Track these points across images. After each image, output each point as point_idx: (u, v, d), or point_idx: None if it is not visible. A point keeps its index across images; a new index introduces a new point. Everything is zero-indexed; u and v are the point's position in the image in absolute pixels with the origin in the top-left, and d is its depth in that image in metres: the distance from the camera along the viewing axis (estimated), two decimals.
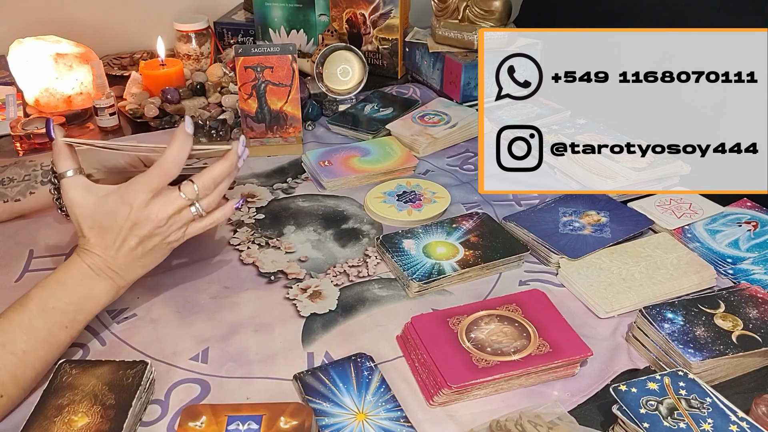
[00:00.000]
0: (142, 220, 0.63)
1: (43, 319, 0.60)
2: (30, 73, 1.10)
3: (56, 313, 0.61)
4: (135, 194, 0.62)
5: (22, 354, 0.58)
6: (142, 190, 0.62)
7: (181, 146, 0.63)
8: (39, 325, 0.60)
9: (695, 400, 0.56)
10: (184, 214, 0.65)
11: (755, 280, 0.74)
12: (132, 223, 0.63)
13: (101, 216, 0.63)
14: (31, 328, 0.59)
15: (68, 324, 0.62)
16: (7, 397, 0.57)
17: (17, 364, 0.58)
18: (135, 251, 0.64)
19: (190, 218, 0.66)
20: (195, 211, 0.66)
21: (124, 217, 0.63)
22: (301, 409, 0.55)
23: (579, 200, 0.87)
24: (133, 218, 0.63)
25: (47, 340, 0.60)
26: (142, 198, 0.62)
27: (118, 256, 0.64)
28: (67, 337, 0.62)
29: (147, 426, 0.58)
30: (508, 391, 0.62)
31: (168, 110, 1.11)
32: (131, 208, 0.62)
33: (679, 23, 1.01)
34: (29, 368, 0.59)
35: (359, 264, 0.80)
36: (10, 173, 0.81)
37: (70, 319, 0.62)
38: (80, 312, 0.63)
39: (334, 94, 1.16)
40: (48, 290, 0.62)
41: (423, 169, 1.00)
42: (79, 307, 0.63)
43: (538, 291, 0.71)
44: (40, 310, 0.60)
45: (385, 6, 1.26)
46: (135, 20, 1.41)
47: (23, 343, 0.58)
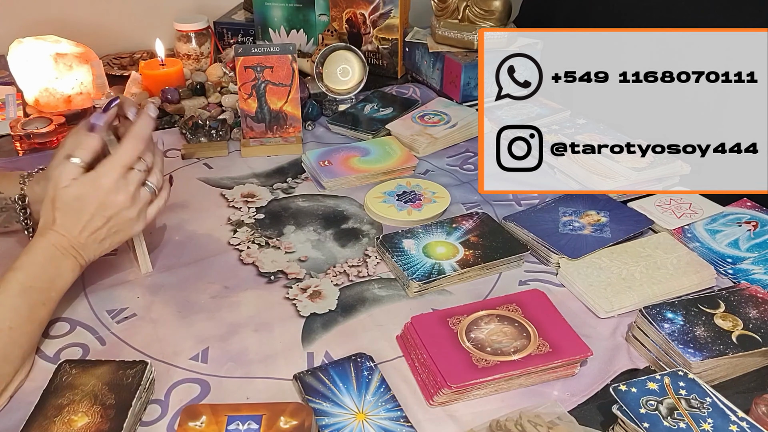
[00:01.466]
0: (111, 201, 0.67)
1: (23, 298, 0.63)
2: (30, 73, 1.10)
3: (33, 292, 0.64)
4: (107, 173, 0.67)
5: (9, 331, 0.60)
6: (112, 169, 0.67)
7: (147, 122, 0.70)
8: (20, 303, 0.62)
9: (695, 400, 0.56)
10: (143, 196, 0.70)
11: (755, 280, 0.74)
12: (102, 205, 0.67)
13: (73, 199, 0.67)
14: (14, 307, 0.62)
15: (45, 301, 0.65)
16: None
17: (6, 341, 0.60)
18: (100, 233, 0.68)
19: (148, 198, 0.71)
20: (149, 190, 0.71)
21: (94, 199, 0.67)
22: (301, 408, 0.55)
23: (579, 200, 0.87)
24: (102, 200, 0.67)
25: (29, 318, 0.63)
26: (113, 176, 0.67)
27: (81, 237, 0.68)
28: (45, 314, 0.65)
29: (147, 426, 0.58)
30: (508, 390, 0.62)
31: (168, 110, 1.11)
32: (101, 189, 0.67)
33: (679, 23, 1.01)
34: (17, 346, 0.61)
35: (359, 264, 0.80)
36: None
37: (45, 296, 0.65)
38: (53, 289, 0.66)
39: (334, 94, 1.16)
40: (23, 271, 0.64)
41: (423, 169, 1.00)
42: (52, 284, 0.66)
43: (538, 291, 0.71)
44: (20, 290, 0.63)
45: (385, 6, 1.26)
46: (135, 20, 1.41)
47: (8, 320, 0.61)
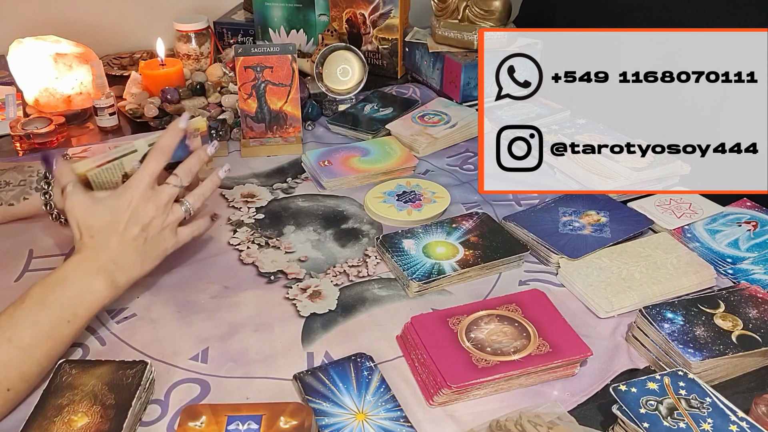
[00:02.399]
0: (143, 208, 0.68)
1: (45, 313, 0.61)
2: (30, 73, 1.10)
3: (57, 308, 0.62)
4: (138, 183, 0.68)
5: (27, 348, 0.59)
6: (143, 179, 0.68)
7: (173, 134, 0.71)
8: (41, 319, 0.61)
9: (695, 400, 0.56)
10: (176, 210, 0.71)
11: (755, 280, 0.74)
12: (135, 210, 0.68)
13: (102, 212, 0.67)
14: (35, 323, 0.60)
15: (70, 318, 0.63)
16: (13, 392, 0.58)
17: (23, 358, 0.59)
18: (137, 241, 0.68)
19: (181, 215, 0.72)
20: (184, 209, 0.72)
21: (125, 206, 0.67)
22: (301, 408, 0.55)
23: (579, 200, 0.87)
24: (135, 206, 0.68)
25: (50, 335, 0.61)
26: (144, 185, 0.68)
27: (121, 247, 0.67)
28: (69, 333, 0.63)
29: (147, 426, 0.58)
30: (507, 391, 0.62)
31: (168, 110, 1.11)
32: (133, 196, 0.68)
33: (679, 23, 1.01)
34: (35, 364, 0.60)
35: (359, 264, 0.80)
36: (8, 177, 0.81)
37: (71, 313, 0.63)
38: (80, 306, 0.64)
39: (333, 94, 1.16)
40: (47, 286, 0.63)
41: (423, 169, 1.00)
42: (79, 301, 0.64)
43: (537, 291, 0.71)
44: (41, 305, 0.61)
45: (385, 6, 1.26)
46: (135, 20, 1.41)
47: (27, 337, 0.59)
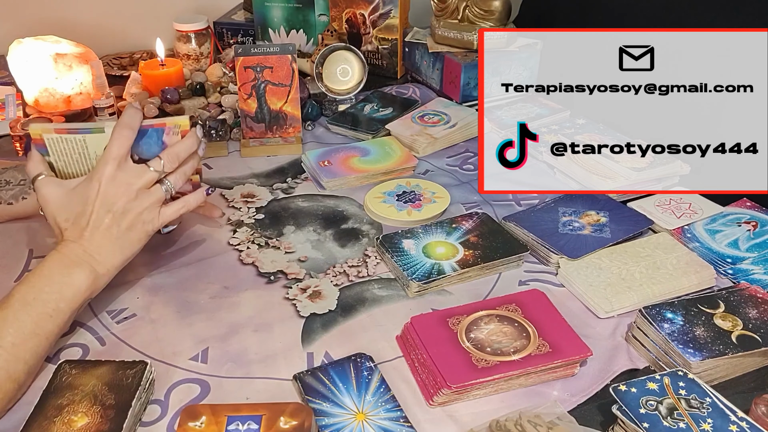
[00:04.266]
0: (112, 194, 0.67)
1: (26, 311, 0.61)
2: (30, 73, 1.10)
3: (38, 303, 0.62)
4: (101, 168, 0.67)
5: (11, 347, 0.59)
6: (106, 163, 0.67)
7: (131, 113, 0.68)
8: (23, 317, 0.61)
9: (695, 400, 0.56)
10: (154, 191, 0.69)
11: (755, 280, 0.74)
12: (102, 198, 0.66)
13: (74, 203, 0.67)
14: (16, 321, 0.60)
15: (52, 313, 0.62)
16: (2, 392, 0.58)
17: (7, 358, 0.59)
18: (111, 230, 0.67)
19: (161, 196, 0.70)
20: (165, 189, 0.70)
21: (94, 194, 0.66)
22: (301, 409, 0.55)
23: (579, 200, 0.87)
24: (102, 192, 0.66)
25: (34, 331, 0.61)
26: (108, 169, 0.66)
27: (94, 238, 0.67)
28: (54, 327, 0.63)
29: (147, 426, 0.58)
30: (507, 391, 0.62)
31: (168, 110, 1.11)
32: (99, 183, 0.66)
33: (679, 23, 1.01)
34: (20, 362, 0.59)
35: (359, 264, 0.79)
36: (8, 176, 0.81)
37: (52, 307, 0.63)
38: (61, 300, 0.63)
39: (333, 94, 1.16)
40: (27, 284, 0.63)
41: (423, 169, 1.00)
42: (60, 294, 0.64)
43: (537, 291, 0.71)
44: (22, 303, 0.61)
45: (385, 6, 1.26)
46: (135, 20, 1.41)
47: (10, 336, 0.59)
